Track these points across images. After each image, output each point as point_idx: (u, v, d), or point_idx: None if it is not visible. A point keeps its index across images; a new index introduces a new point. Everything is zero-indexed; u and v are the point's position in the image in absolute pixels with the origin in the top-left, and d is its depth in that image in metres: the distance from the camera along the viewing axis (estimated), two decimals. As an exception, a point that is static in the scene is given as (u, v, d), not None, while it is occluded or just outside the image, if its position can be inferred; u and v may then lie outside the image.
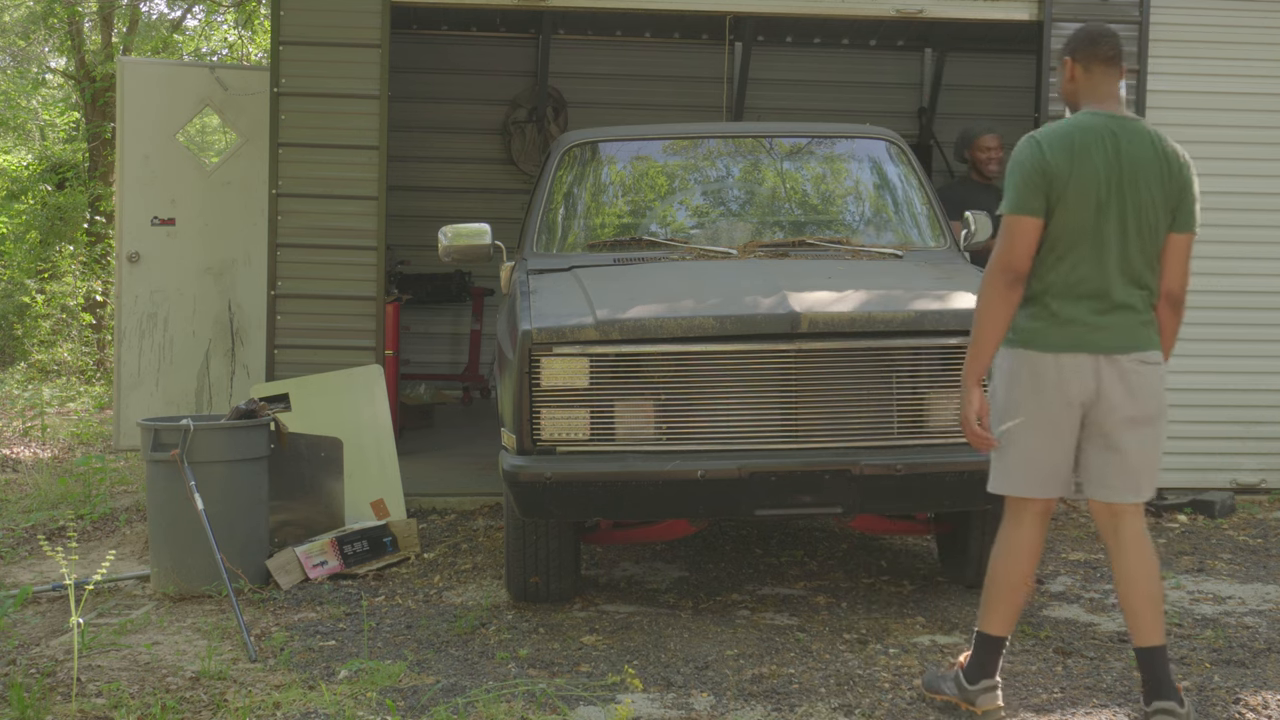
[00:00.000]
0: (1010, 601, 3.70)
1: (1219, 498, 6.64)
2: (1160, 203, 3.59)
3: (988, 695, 3.70)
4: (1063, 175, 3.54)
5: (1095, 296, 3.56)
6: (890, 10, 7.13)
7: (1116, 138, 3.59)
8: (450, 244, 5.46)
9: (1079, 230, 3.55)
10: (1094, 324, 3.55)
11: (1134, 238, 3.57)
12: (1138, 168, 3.58)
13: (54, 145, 19.30)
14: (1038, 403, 3.57)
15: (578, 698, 3.82)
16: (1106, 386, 3.55)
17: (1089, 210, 3.55)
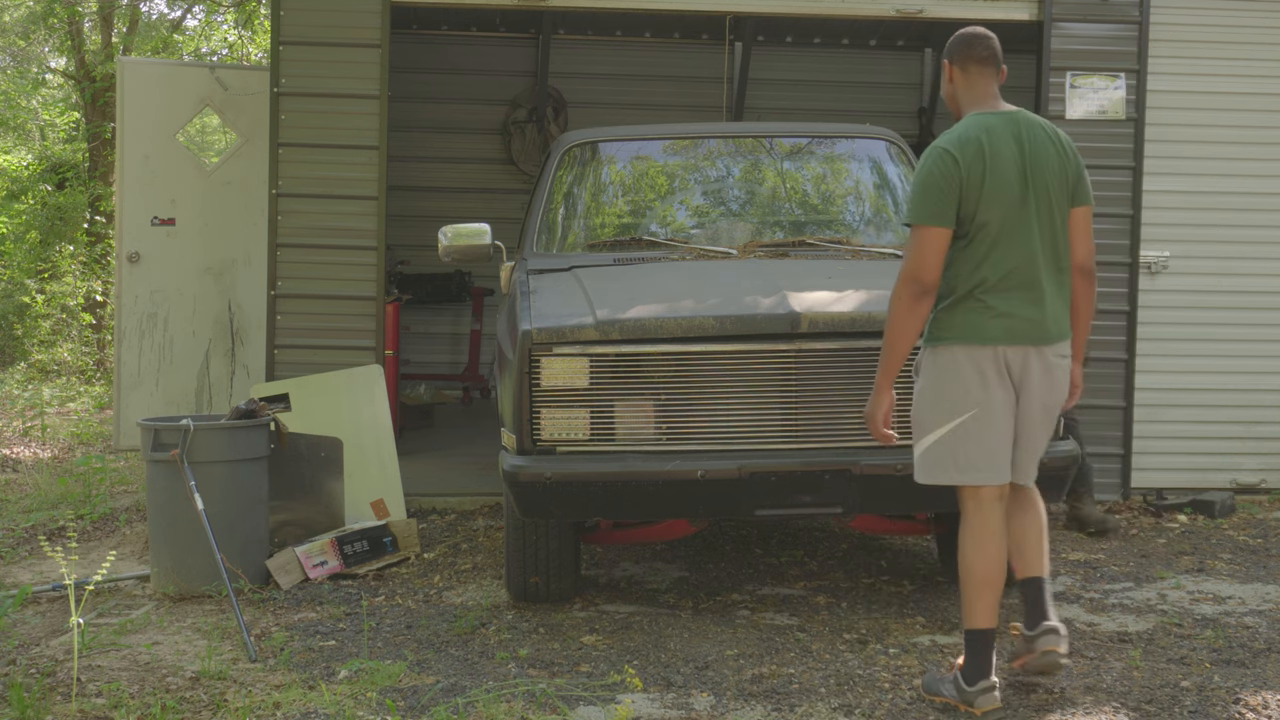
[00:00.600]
0: (989, 592, 3.75)
1: (1219, 498, 6.63)
2: (1062, 185, 3.78)
3: (986, 696, 3.71)
4: (976, 178, 3.66)
5: (1026, 287, 3.71)
6: (890, 10, 7.14)
7: (1017, 132, 3.77)
8: (450, 244, 5.46)
9: (1003, 225, 3.68)
10: (1027, 316, 3.70)
11: (1049, 223, 3.75)
12: (1040, 156, 3.76)
13: (54, 145, 19.30)
14: (986, 394, 3.69)
15: (578, 698, 3.82)
16: (1033, 376, 3.73)
17: (1011, 205, 3.69)
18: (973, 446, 3.71)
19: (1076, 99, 6.92)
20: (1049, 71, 6.94)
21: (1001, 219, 3.68)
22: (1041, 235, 3.72)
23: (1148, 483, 6.78)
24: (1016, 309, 3.68)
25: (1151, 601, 4.99)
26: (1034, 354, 3.72)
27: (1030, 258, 3.70)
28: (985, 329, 3.68)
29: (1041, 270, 3.71)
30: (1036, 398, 3.74)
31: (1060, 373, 3.79)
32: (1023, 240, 3.70)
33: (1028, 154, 3.74)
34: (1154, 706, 3.78)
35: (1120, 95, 6.91)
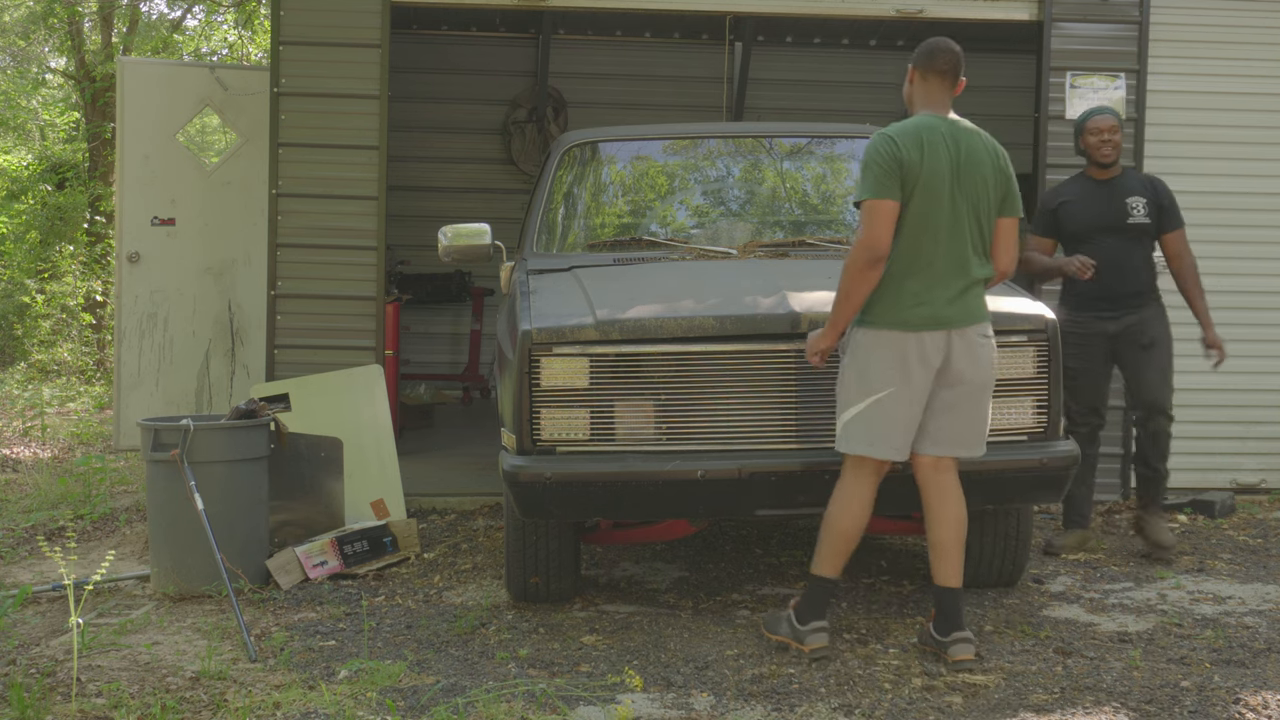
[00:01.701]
0: (842, 547, 4.15)
1: (1219, 498, 6.64)
2: (992, 191, 4.11)
3: (815, 635, 4.13)
4: (914, 167, 4.01)
5: (949, 276, 4.03)
6: (890, 10, 7.14)
7: (955, 136, 4.10)
8: (450, 244, 5.46)
9: (930, 218, 4.02)
10: (948, 302, 4.02)
11: (975, 223, 4.07)
12: (974, 161, 4.09)
13: (54, 145, 19.30)
14: (904, 377, 4.02)
15: (578, 698, 3.82)
16: (955, 356, 4.04)
17: (939, 200, 4.02)
18: (883, 422, 4.04)
19: (1076, 99, 6.92)
20: (1049, 71, 6.94)
21: (930, 212, 4.01)
22: (969, 231, 4.06)
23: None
24: (938, 296, 4.02)
25: (1151, 601, 4.99)
26: (955, 336, 4.04)
27: (956, 249, 4.04)
28: (906, 315, 4.01)
29: (968, 264, 4.05)
30: (963, 376, 4.06)
31: (984, 352, 4.09)
32: (950, 234, 4.03)
33: (962, 156, 4.06)
34: (1154, 706, 3.78)
35: (1120, 95, 6.91)
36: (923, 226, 4.02)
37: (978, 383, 4.09)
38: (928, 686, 3.94)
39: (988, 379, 4.12)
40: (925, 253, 4.02)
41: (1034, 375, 4.43)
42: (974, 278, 4.07)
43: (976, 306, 4.09)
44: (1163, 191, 5.71)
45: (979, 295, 4.11)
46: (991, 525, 4.89)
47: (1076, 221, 5.70)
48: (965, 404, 4.09)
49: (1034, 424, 4.44)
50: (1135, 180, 5.77)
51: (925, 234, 4.02)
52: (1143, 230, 5.65)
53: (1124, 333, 5.63)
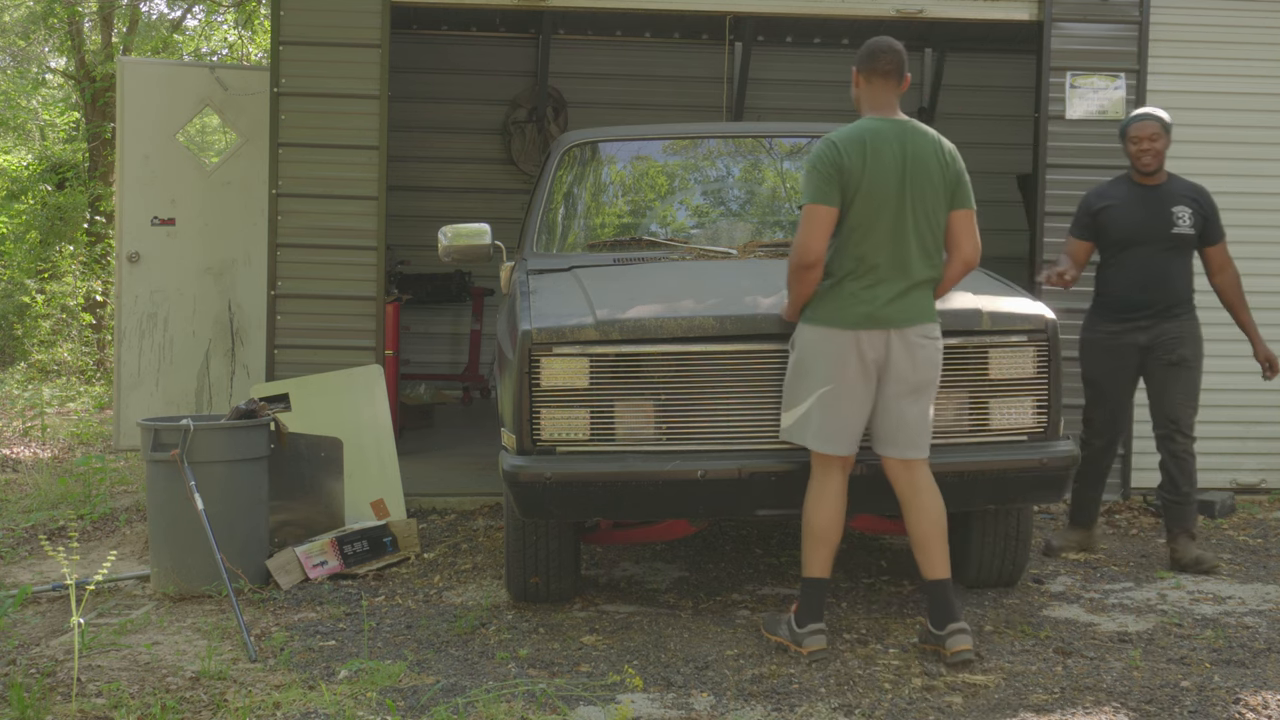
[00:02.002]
0: (823, 546, 4.19)
1: (1219, 498, 6.63)
2: (941, 191, 4.16)
3: (813, 638, 4.16)
4: (856, 170, 4.08)
5: (890, 278, 4.10)
6: (890, 10, 7.14)
7: (902, 138, 4.14)
8: (450, 244, 5.47)
9: (875, 219, 4.09)
10: (888, 302, 4.09)
11: (921, 223, 4.12)
12: (920, 162, 4.13)
13: (54, 145, 19.30)
14: (843, 374, 4.09)
15: (578, 698, 3.82)
16: (895, 357, 4.10)
17: (884, 201, 4.08)
18: (828, 419, 4.11)
19: (1076, 99, 6.92)
20: (1049, 71, 6.94)
21: (875, 213, 4.08)
22: (914, 232, 4.11)
23: (1148, 483, 6.77)
24: (879, 296, 4.08)
25: (1151, 601, 4.99)
26: (895, 336, 4.10)
27: (899, 252, 4.10)
28: (846, 314, 4.09)
29: (913, 265, 4.11)
30: (902, 375, 4.11)
31: (925, 353, 4.13)
32: (894, 235, 4.09)
33: (909, 158, 4.11)
34: (1154, 706, 3.78)
35: (1120, 95, 6.90)
36: (866, 229, 4.09)
37: (917, 383, 4.13)
38: (928, 686, 3.94)
39: (928, 380, 4.16)
40: (868, 254, 4.09)
41: (1034, 375, 4.42)
42: (918, 279, 4.13)
43: (919, 307, 4.14)
44: (1207, 202, 5.55)
45: (923, 296, 4.16)
46: (991, 525, 4.89)
47: (1119, 228, 5.50)
48: (910, 404, 4.13)
49: (1034, 424, 4.44)
50: (1181, 188, 5.57)
51: (869, 236, 4.09)
52: (1186, 241, 5.50)
53: (1155, 345, 5.46)
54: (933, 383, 4.18)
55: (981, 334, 4.39)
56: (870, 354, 4.09)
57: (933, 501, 4.18)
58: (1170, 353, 5.45)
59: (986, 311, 4.42)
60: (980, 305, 4.45)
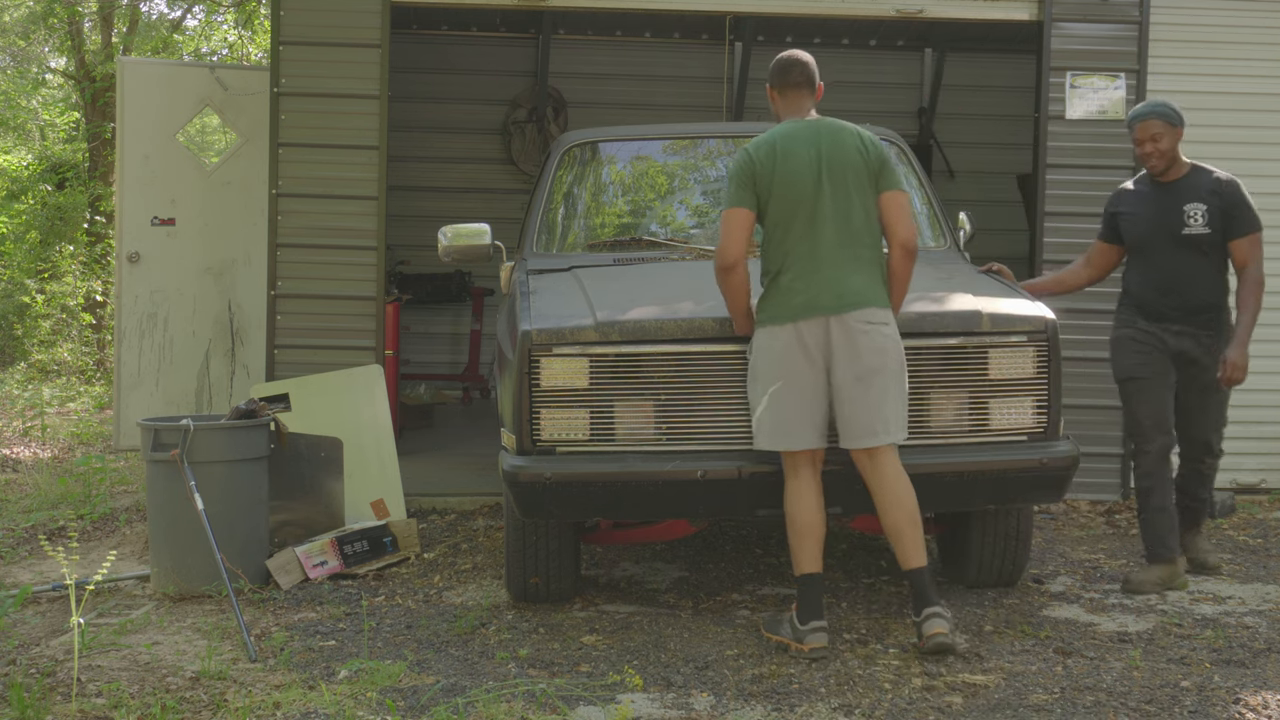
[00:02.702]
0: (810, 542, 4.20)
1: (1219, 498, 6.62)
2: (864, 177, 4.22)
3: (814, 635, 4.16)
4: (767, 172, 4.19)
5: (821, 267, 4.15)
6: (890, 10, 7.13)
7: (815, 133, 4.26)
8: (450, 244, 5.47)
9: (793, 214, 4.18)
10: (822, 288, 4.13)
11: (844, 210, 4.19)
12: (839, 151, 4.22)
13: (54, 145, 19.29)
14: (789, 368, 4.13)
15: (578, 698, 3.82)
16: (837, 344, 4.12)
17: (800, 195, 4.17)
18: (783, 415, 4.13)
19: (1076, 99, 6.92)
20: (1049, 71, 6.93)
21: (793, 208, 4.18)
22: (837, 221, 4.18)
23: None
24: (811, 285, 4.13)
25: (1151, 601, 4.98)
26: (834, 323, 4.12)
27: (825, 241, 4.16)
28: (783, 308, 4.15)
29: (837, 250, 4.17)
30: (845, 363, 4.12)
31: (869, 338, 4.12)
32: (818, 227, 4.17)
33: (824, 151, 4.21)
34: (1154, 706, 3.78)
35: (1120, 95, 6.90)
36: (787, 224, 4.18)
37: (863, 370, 4.11)
38: (928, 686, 3.94)
39: (877, 365, 4.12)
40: (796, 246, 4.17)
41: (1034, 375, 4.42)
42: (850, 263, 4.17)
43: (856, 292, 4.15)
44: (1229, 195, 5.09)
45: (861, 281, 4.17)
46: (991, 525, 4.89)
47: (1131, 230, 5.21)
48: (858, 392, 4.11)
49: (1034, 424, 4.44)
50: (1203, 183, 5.14)
51: (792, 230, 4.17)
52: (1202, 241, 5.06)
53: (1182, 357, 5.11)
54: (884, 368, 4.13)
55: (981, 334, 4.39)
56: (811, 342, 4.12)
57: (902, 491, 4.15)
58: (1203, 373, 5.12)
59: (986, 312, 4.42)
60: (980, 306, 4.45)
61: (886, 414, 4.13)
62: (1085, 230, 6.69)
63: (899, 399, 4.17)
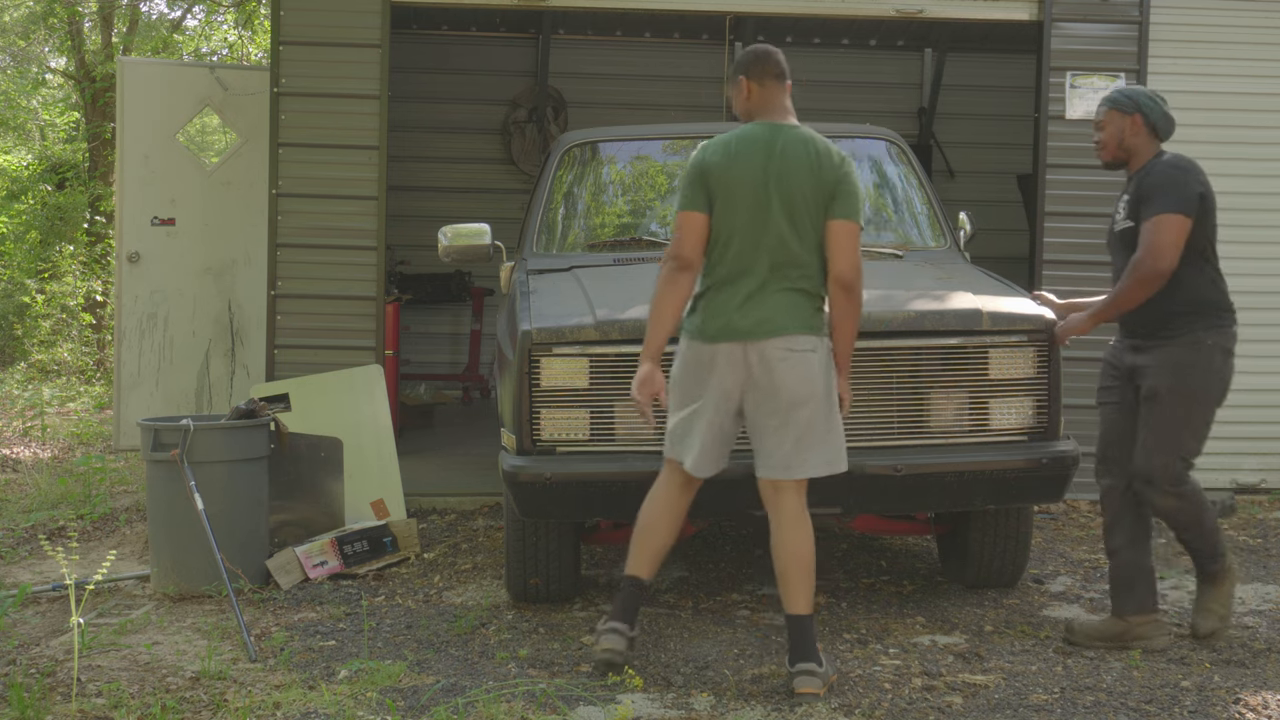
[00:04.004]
0: (644, 543, 4.06)
1: (1219, 498, 6.63)
2: (812, 196, 3.91)
3: (608, 636, 3.99)
4: (719, 174, 3.94)
5: (750, 287, 3.91)
6: (890, 10, 7.13)
7: (772, 143, 3.97)
8: (450, 244, 5.47)
9: (738, 226, 3.93)
10: (743, 312, 3.89)
11: (789, 229, 3.91)
12: (790, 167, 3.93)
13: (54, 145, 19.30)
14: (703, 389, 3.94)
15: (578, 698, 3.82)
16: (755, 374, 3.88)
17: (747, 207, 3.92)
18: (691, 438, 3.97)
19: (1076, 99, 6.92)
20: (1049, 71, 6.93)
21: (733, 216, 3.93)
22: (778, 239, 3.90)
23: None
24: (734, 306, 3.90)
25: (1151, 601, 4.98)
26: (751, 350, 3.88)
27: (760, 259, 3.91)
28: (706, 326, 3.95)
29: (770, 271, 3.91)
30: (761, 393, 3.89)
31: (788, 367, 3.86)
32: (756, 243, 3.91)
33: (775, 163, 3.93)
34: (1154, 706, 3.78)
35: (1120, 95, 6.89)
36: (728, 239, 3.94)
37: (781, 404, 3.87)
38: (928, 686, 3.94)
39: (795, 397, 3.86)
40: (728, 259, 3.94)
41: (1034, 375, 4.43)
42: (779, 286, 3.90)
43: (780, 319, 3.88)
44: (1150, 178, 4.34)
45: (784, 306, 3.89)
46: (991, 525, 4.89)
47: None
48: (773, 425, 3.89)
49: (1034, 424, 4.44)
50: (1143, 173, 4.43)
51: (730, 247, 3.93)
52: (1129, 236, 4.36)
53: (1135, 373, 4.41)
54: (804, 402, 3.87)
55: (981, 334, 4.39)
56: (727, 368, 3.89)
57: (792, 536, 3.93)
58: (1144, 383, 4.35)
59: (986, 312, 4.42)
60: (980, 305, 4.45)
61: (801, 448, 3.89)
62: (1085, 230, 6.71)
63: (823, 431, 3.91)
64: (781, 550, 3.96)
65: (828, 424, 3.93)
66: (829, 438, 3.93)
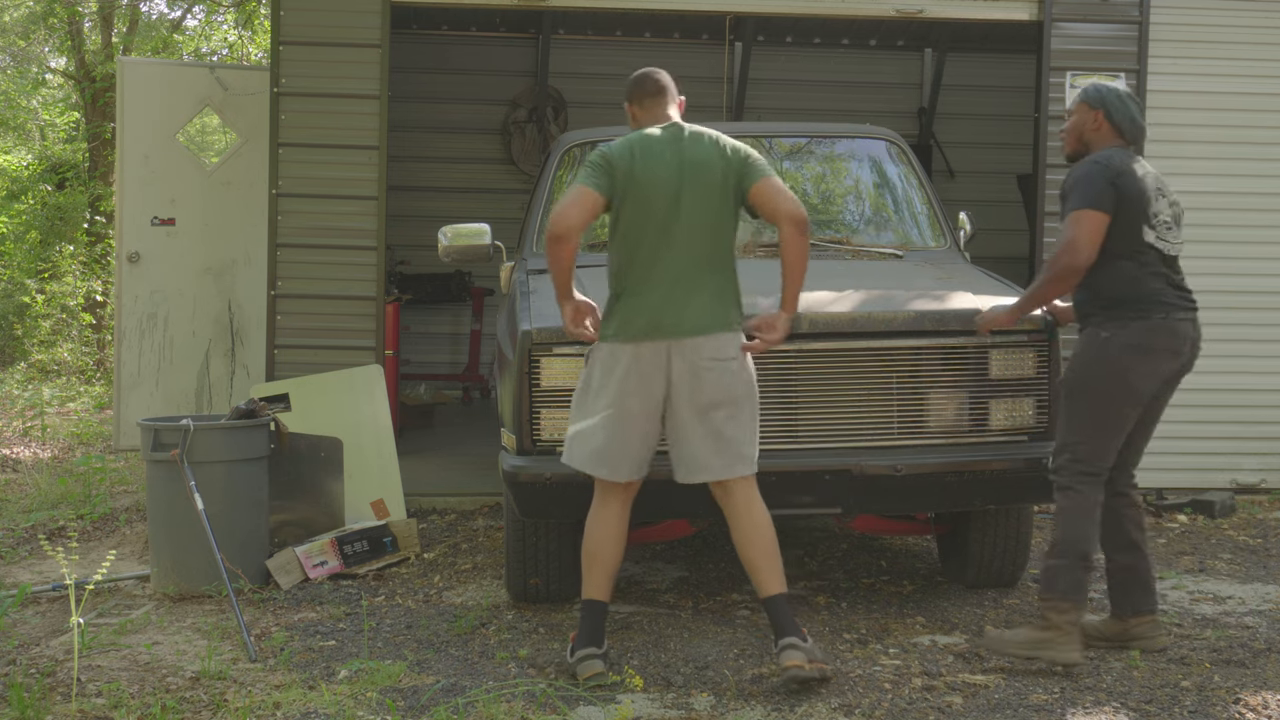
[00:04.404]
0: (598, 568, 4.04)
1: (1219, 498, 6.63)
2: (726, 189, 3.94)
3: (585, 663, 3.95)
4: (624, 170, 3.92)
5: (669, 285, 3.89)
6: (890, 10, 7.13)
7: (677, 141, 3.98)
8: (450, 244, 5.46)
9: (647, 228, 3.92)
10: (665, 311, 3.87)
11: (700, 231, 3.92)
12: (700, 162, 3.94)
13: (54, 145, 19.30)
14: (621, 392, 3.89)
15: (578, 698, 3.82)
16: (677, 374, 3.87)
17: (657, 208, 3.91)
18: (609, 444, 3.93)
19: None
20: (1049, 71, 6.94)
21: (646, 222, 3.92)
22: (691, 240, 3.91)
23: (1148, 483, 6.75)
24: (654, 305, 3.89)
25: (1151, 601, 4.98)
26: (674, 350, 3.86)
27: (678, 258, 3.90)
28: (626, 327, 3.91)
29: (690, 269, 3.90)
30: (685, 395, 3.88)
31: (712, 375, 3.87)
32: (670, 245, 3.91)
33: (685, 161, 3.94)
34: (1154, 706, 3.78)
35: (1120, 95, 6.89)
36: (639, 238, 3.93)
37: (708, 402, 3.88)
38: (928, 686, 3.94)
39: (720, 398, 3.88)
40: (645, 263, 3.92)
41: (1034, 375, 4.43)
42: (700, 286, 3.91)
43: (701, 318, 3.89)
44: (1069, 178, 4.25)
45: (704, 305, 3.90)
46: (991, 525, 4.89)
47: None
48: (699, 427, 3.89)
49: (1034, 424, 4.44)
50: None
51: (643, 245, 3.93)
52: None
53: None
54: (729, 401, 3.89)
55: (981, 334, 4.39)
56: (650, 367, 3.88)
57: (755, 527, 3.94)
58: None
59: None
60: (980, 306, 4.45)
61: (733, 447, 3.91)
62: (1085, 230, 6.70)
63: (749, 429, 3.95)
64: (744, 542, 3.97)
65: (744, 426, 3.95)
66: (744, 440, 3.94)
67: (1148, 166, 4.30)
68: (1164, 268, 4.23)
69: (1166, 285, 4.21)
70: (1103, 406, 4.14)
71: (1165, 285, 4.21)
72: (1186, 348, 4.24)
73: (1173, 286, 4.24)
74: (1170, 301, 4.20)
